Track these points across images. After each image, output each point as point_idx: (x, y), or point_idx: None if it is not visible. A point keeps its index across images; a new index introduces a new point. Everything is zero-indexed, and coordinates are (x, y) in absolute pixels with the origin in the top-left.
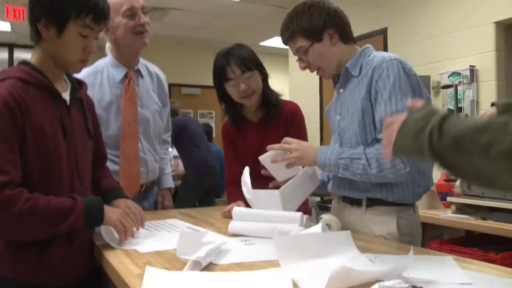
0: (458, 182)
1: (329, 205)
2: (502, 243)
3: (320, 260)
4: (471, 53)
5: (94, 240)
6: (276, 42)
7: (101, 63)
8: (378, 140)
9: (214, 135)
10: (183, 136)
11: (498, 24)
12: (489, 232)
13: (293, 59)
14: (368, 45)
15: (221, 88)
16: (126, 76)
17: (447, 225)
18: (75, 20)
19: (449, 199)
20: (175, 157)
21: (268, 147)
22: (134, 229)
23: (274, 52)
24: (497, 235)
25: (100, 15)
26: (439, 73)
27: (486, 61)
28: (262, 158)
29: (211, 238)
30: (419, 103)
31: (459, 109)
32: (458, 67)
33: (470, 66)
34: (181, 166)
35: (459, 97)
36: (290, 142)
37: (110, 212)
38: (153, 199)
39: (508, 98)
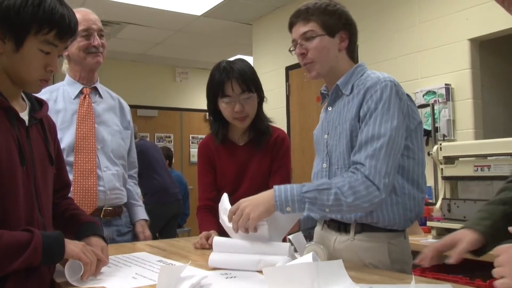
0: (437, 205)
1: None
2: (486, 269)
3: None
4: (446, 71)
5: (54, 278)
6: None
7: (58, 84)
8: (354, 163)
9: (173, 159)
10: (142, 161)
11: (473, 41)
12: (473, 258)
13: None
14: (361, 63)
15: (213, 103)
16: (81, 92)
17: None
18: (36, 35)
19: (429, 223)
20: None
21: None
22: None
23: None
24: (482, 261)
25: (66, 31)
26: (414, 92)
27: (461, 79)
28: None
29: (191, 272)
30: None
31: (436, 129)
32: (433, 85)
33: (446, 84)
34: None
35: (435, 116)
36: (235, 208)
37: (72, 244)
38: (116, 230)
39: (484, 118)
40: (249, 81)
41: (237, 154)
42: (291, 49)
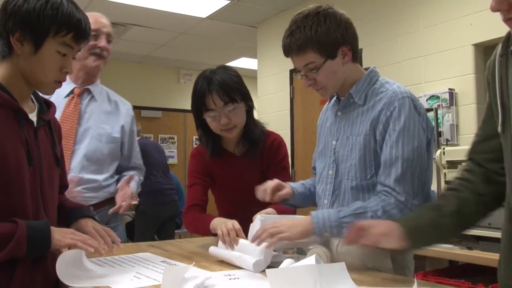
0: None
1: None
2: (488, 274)
3: None
4: (450, 76)
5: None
6: (244, 62)
7: None
8: (383, 184)
9: (176, 160)
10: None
11: (477, 46)
12: (476, 262)
13: (262, 81)
14: (373, 68)
15: (199, 116)
16: (72, 92)
17: (430, 256)
18: (54, 37)
19: None
20: None
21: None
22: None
23: (242, 74)
24: (484, 265)
25: (82, 34)
26: (417, 96)
27: (465, 84)
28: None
29: (194, 272)
30: None
31: (439, 134)
32: (436, 90)
33: (449, 89)
34: None
35: (438, 121)
36: (270, 225)
37: (58, 234)
38: None
39: None
40: (231, 91)
41: (236, 165)
42: (296, 74)
